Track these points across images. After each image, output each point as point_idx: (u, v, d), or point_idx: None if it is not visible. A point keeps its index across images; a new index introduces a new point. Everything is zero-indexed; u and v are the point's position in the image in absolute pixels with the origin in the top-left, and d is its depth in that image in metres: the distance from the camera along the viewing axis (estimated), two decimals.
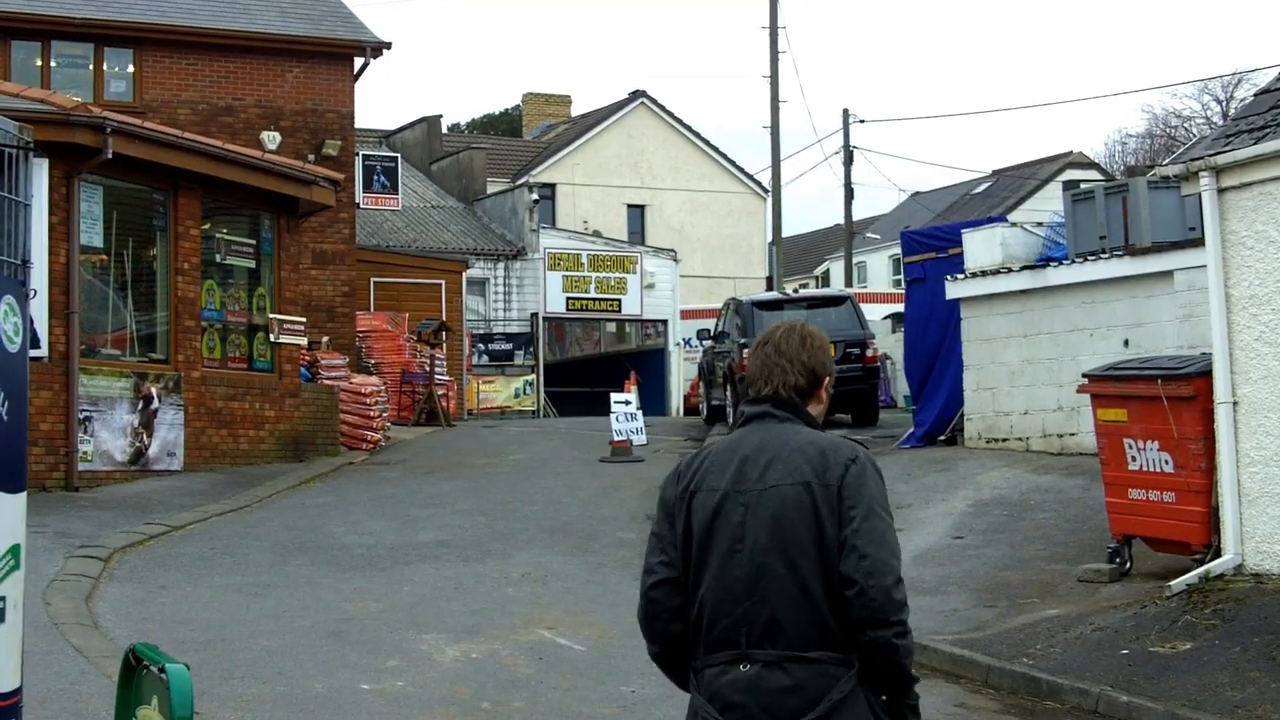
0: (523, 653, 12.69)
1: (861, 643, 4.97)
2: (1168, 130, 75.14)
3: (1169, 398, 13.97)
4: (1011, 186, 71.92)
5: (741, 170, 66.75)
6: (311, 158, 29.52)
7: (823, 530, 5.02)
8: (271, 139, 29.86)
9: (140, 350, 22.54)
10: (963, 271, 23.18)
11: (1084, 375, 15.42)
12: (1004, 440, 22.28)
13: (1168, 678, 11.62)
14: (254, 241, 24.87)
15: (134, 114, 25.34)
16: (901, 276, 32.22)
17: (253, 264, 24.86)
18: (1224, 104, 68.46)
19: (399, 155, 49.70)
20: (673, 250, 52.92)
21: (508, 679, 11.80)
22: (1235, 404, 13.59)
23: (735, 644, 5.06)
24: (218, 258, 24.03)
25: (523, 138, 73.48)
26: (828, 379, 5.44)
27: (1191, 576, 13.50)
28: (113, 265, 22.17)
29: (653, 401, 44.87)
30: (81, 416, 20.74)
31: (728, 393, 29.31)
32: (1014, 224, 24.51)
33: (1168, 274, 19.38)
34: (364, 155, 44.87)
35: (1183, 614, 12.83)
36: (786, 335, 5.43)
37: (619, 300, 49.38)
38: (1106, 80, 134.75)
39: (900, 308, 34.29)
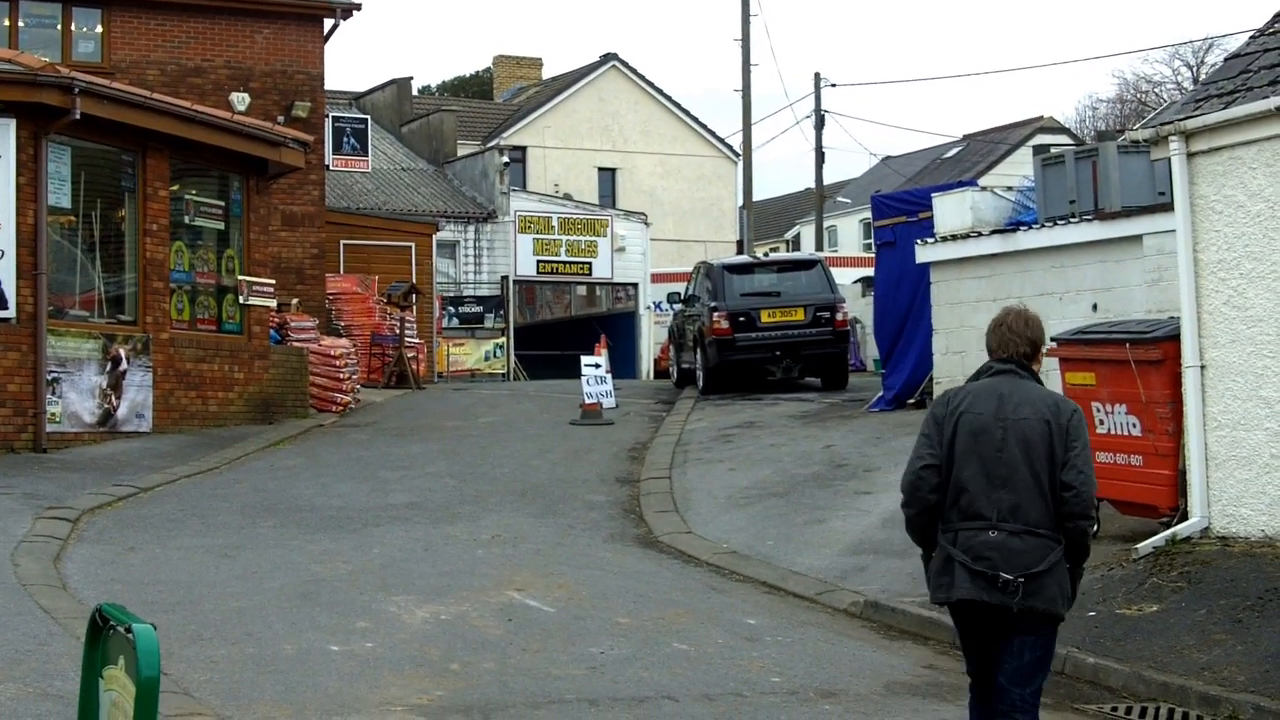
0: (492, 614, 12.70)
1: (1068, 528, 7.66)
2: (1138, 95, 75.19)
3: (1137, 361, 14.02)
4: (982, 151, 71.99)
5: (713, 134, 66.69)
6: (281, 119, 29.38)
7: (1054, 451, 7.66)
8: (240, 100, 29.70)
9: (109, 311, 22.45)
10: (933, 235, 23.19)
11: (1052, 339, 15.41)
12: None
13: (1134, 639, 11.69)
14: (223, 203, 24.79)
15: (102, 74, 25.22)
16: (872, 240, 32.25)
17: (222, 225, 24.78)
18: (1195, 69, 68.56)
19: (369, 117, 49.61)
20: (643, 214, 52.89)
21: (477, 640, 11.81)
22: (1203, 368, 13.65)
23: (986, 517, 7.65)
24: (186, 219, 23.94)
25: (493, 100, 73.29)
26: (1043, 347, 8.16)
27: (1158, 539, 13.56)
28: (81, 226, 22.07)
29: (623, 365, 44.89)
30: (49, 378, 20.68)
31: (698, 356, 29.29)
32: (984, 188, 24.50)
33: (1137, 238, 19.40)
34: (334, 117, 44.78)
35: (1149, 576, 12.89)
36: (1016, 318, 8.12)
37: (589, 263, 49.36)
38: (1078, 45, 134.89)
39: (870, 272, 34.32)
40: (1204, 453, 13.61)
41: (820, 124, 58.85)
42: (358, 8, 31.32)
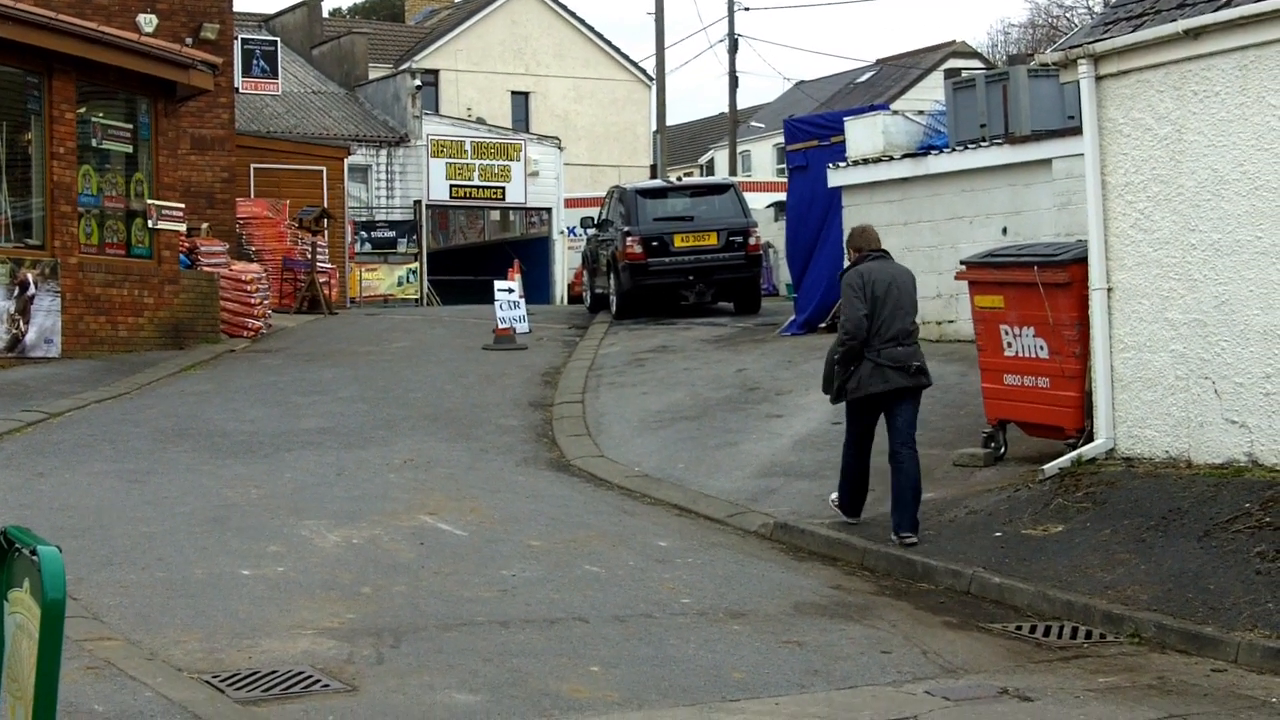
0: (404, 538, 12.72)
1: (918, 340, 13.21)
2: (1050, 20, 75.28)
3: (1045, 284, 14.14)
4: (895, 76, 72.10)
5: (626, 58, 66.48)
6: (189, 41, 29.02)
7: (913, 298, 13.05)
8: (148, 22, 29.31)
9: (16, 236, 22.21)
10: (845, 160, 23.25)
11: (962, 262, 15.55)
12: None
13: (1039, 559, 11.84)
14: (131, 126, 24.48)
15: None
16: (785, 165, 32.25)
17: (130, 149, 24.48)
18: None
19: (278, 40, 49.06)
20: (557, 138, 52.73)
21: (389, 564, 11.83)
22: (1109, 290, 13.77)
23: (896, 338, 12.75)
24: (94, 142, 23.63)
25: (405, 23, 72.74)
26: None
27: (1065, 460, 13.72)
28: None
29: (537, 290, 44.86)
30: None
31: (611, 280, 29.29)
32: (896, 112, 24.58)
33: (1046, 162, 19.55)
34: (243, 39, 44.23)
35: (1055, 497, 13.05)
36: (872, 227, 13.69)
37: (503, 188, 49.21)
38: None
39: (784, 196, 34.35)
40: (1110, 375, 13.76)
41: (734, 48, 58.71)
42: None
